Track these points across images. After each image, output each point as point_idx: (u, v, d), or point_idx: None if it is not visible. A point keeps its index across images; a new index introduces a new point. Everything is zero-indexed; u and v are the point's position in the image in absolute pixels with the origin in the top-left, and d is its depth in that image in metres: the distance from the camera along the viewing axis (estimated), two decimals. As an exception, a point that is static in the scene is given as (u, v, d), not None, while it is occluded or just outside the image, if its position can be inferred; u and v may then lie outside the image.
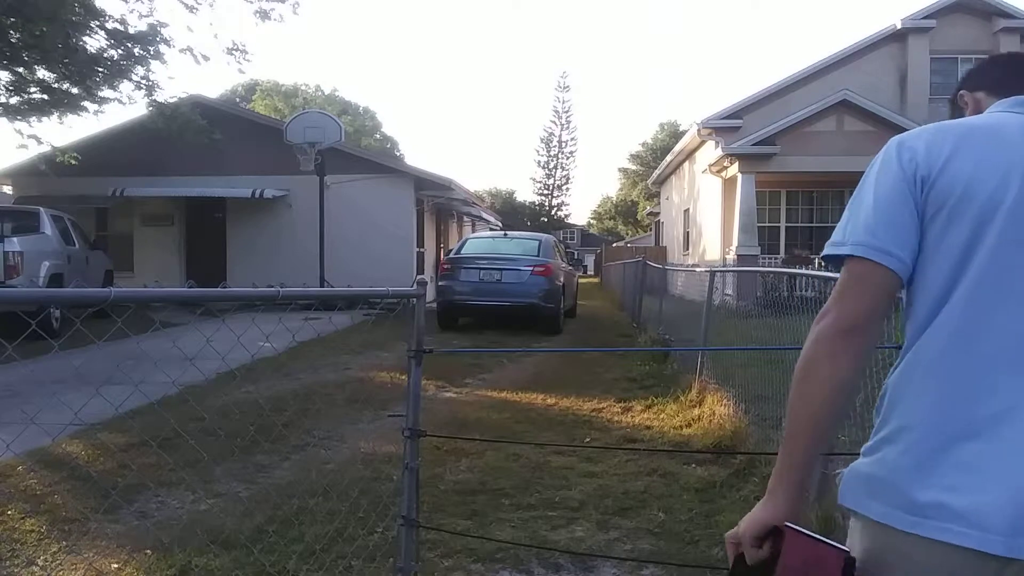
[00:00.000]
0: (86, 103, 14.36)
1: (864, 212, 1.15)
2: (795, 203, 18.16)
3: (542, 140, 62.18)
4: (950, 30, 18.85)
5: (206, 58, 24.74)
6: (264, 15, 15.38)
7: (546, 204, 62.53)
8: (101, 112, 15.38)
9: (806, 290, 5.92)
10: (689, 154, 21.98)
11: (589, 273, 50.85)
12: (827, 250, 1.19)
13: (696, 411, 5.80)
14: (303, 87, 54.35)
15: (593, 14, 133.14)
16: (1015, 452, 1.02)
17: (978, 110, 1.36)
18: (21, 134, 14.08)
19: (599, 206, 75.11)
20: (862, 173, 1.22)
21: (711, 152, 18.04)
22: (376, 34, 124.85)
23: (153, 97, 14.90)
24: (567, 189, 65.45)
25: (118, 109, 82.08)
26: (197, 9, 15.00)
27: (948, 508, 1.03)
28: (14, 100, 13.98)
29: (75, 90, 14.03)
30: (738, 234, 16.34)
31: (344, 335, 10.74)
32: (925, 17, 18.87)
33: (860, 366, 1.14)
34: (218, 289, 2.22)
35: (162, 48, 14.30)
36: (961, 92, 1.46)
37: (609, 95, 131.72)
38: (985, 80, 1.40)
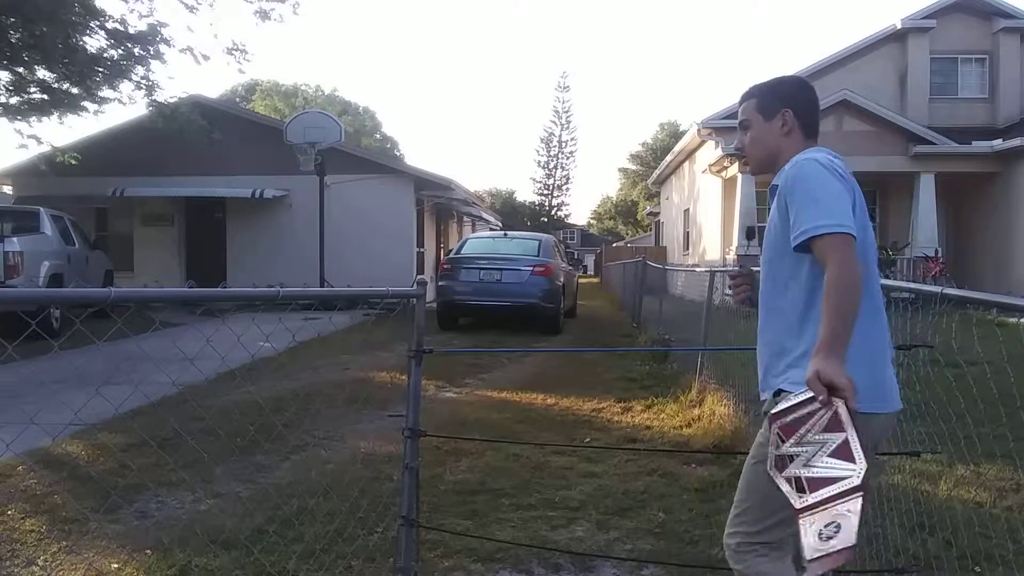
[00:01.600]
0: (86, 103, 14.36)
1: (838, 206, 1.75)
2: (795, 203, 18.15)
3: (542, 140, 62.13)
4: (950, 30, 18.87)
5: (206, 58, 24.73)
6: (264, 15, 15.40)
7: (546, 204, 62.50)
8: (101, 112, 15.42)
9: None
10: (689, 154, 21.99)
11: (589, 273, 50.87)
12: (823, 230, 1.71)
13: (696, 411, 5.80)
14: (303, 87, 54.39)
15: (593, 14, 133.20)
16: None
17: (789, 133, 1.99)
18: (21, 134, 14.12)
19: (599, 206, 75.14)
20: (863, 173, 1.31)
21: (711, 152, 18.04)
22: (376, 34, 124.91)
23: (153, 97, 14.91)
24: (567, 189, 65.40)
25: (118, 109, 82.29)
26: (197, 9, 15.02)
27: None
28: (14, 100, 13.99)
29: (75, 90, 14.03)
30: (738, 234, 16.35)
31: (344, 335, 10.74)
32: (925, 17, 18.88)
33: None
34: (218, 289, 2.22)
35: (162, 48, 14.33)
36: (788, 111, 2.00)
37: (609, 95, 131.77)
38: (802, 116, 2.00)
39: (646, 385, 7.30)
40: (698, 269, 11.71)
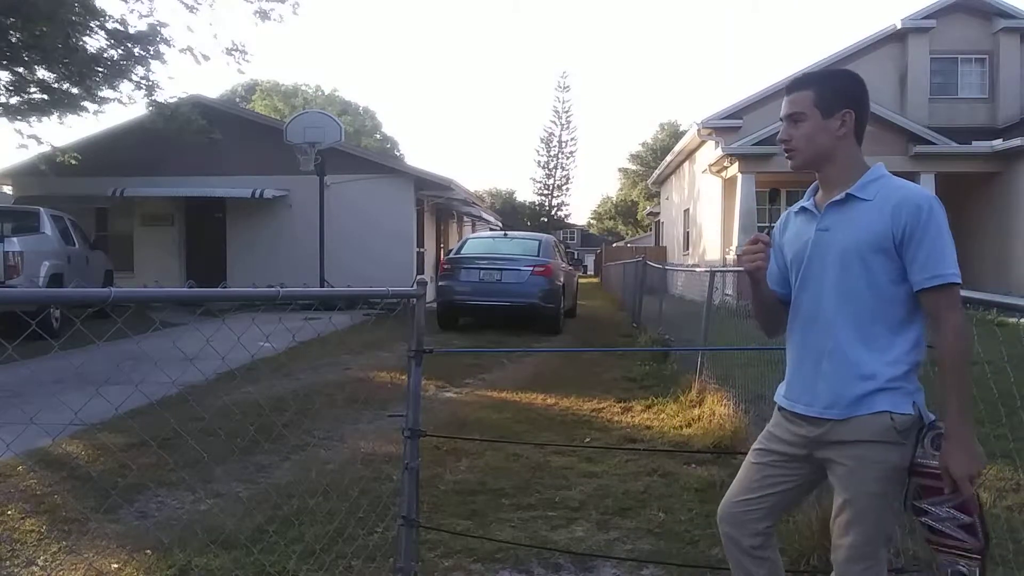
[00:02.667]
0: (86, 103, 14.35)
1: (955, 256, 1.81)
2: (795, 203, 18.15)
3: (542, 140, 62.16)
4: (950, 30, 18.86)
5: (206, 58, 24.78)
6: (264, 15, 15.39)
7: (546, 204, 62.50)
8: (101, 112, 15.41)
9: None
10: (689, 154, 21.98)
11: (589, 273, 50.86)
12: (954, 279, 1.79)
13: (696, 411, 5.80)
14: (303, 87, 54.39)
15: (593, 14, 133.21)
16: None
17: (844, 136, 1.92)
18: (21, 134, 14.12)
19: (599, 206, 75.15)
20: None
21: (711, 152, 18.04)
22: (376, 34, 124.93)
23: (153, 97, 14.90)
24: (567, 189, 65.42)
25: (118, 109, 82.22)
26: (197, 9, 15.02)
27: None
28: (14, 100, 13.98)
29: (75, 90, 14.02)
30: (738, 234, 16.34)
31: (344, 335, 10.74)
32: (925, 17, 18.88)
33: None
34: (218, 289, 2.22)
35: (162, 48, 14.32)
36: (850, 112, 1.93)
37: (609, 95, 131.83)
38: (860, 120, 1.94)
39: (646, 385, 7.29)
40: (698, 269, 11.70)
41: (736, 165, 16.70)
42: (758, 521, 2.05)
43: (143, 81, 14.65)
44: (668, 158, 24.96)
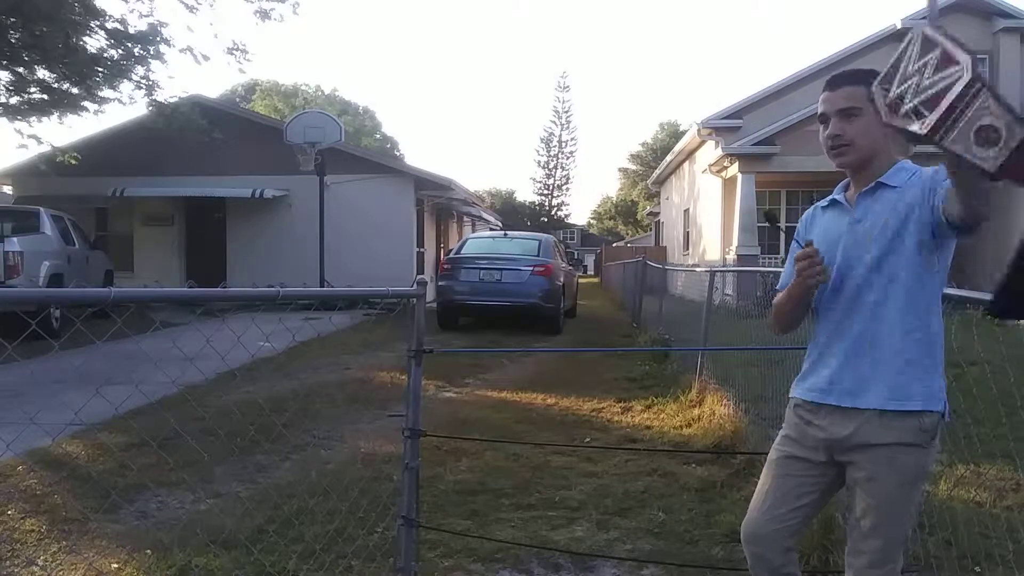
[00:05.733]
0: (86, 103, 14.35)
1: None
2: (795, 203, 18.16)
3: (542, 140, 62.21)
4: (950, 30, 18.71)
5: (206, 58, 24.77)
6: (264, 15, 15.37)
7: (546, 204, 62.52)
8: (101, 112, 15.40)
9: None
10: (689, 154, 21.98)
11: (589, 273, 50.85)
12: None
13: (696, 411, 5.80)
14: (303, 87, 54.40)
15: (593, 14, 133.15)
16: None
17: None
18: (21, 134, 14.09)
19: (599, 206, 75.14)
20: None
21: (711, 152, 18.03)
22: (376, 34, 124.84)
23: (153, 97, 14.88)
24: (567, 189, 65.39)
25: (118, 109, 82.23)
26: (197, 9, 15.00)
27: None
28: (14, 100, 13.97)
29: (75, 90, 14.01)
30: (738, 234, 16.34)
31: (344, 335, 10.74)
32: (925, 17, 18.86)
33: None
34: (218, 289, 2.22)
35: (162, 48, 14.31)
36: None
37: (609, 95, 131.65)
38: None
39: (646, 385, 7.29)
40: (698, 269, 11.71)
41: (736, 165, 16.69)
42: (789, 537, 1.99)
43: (143, 81, 14.65)
44: (668, 158, 24.95)
